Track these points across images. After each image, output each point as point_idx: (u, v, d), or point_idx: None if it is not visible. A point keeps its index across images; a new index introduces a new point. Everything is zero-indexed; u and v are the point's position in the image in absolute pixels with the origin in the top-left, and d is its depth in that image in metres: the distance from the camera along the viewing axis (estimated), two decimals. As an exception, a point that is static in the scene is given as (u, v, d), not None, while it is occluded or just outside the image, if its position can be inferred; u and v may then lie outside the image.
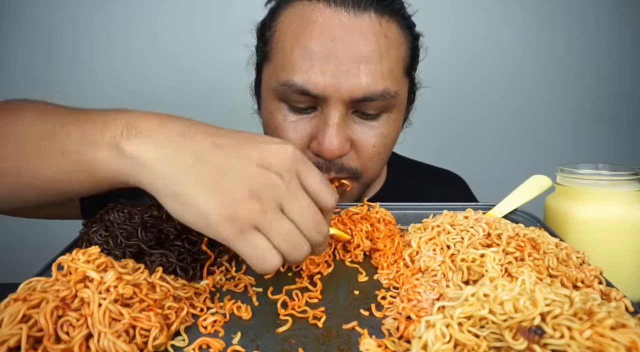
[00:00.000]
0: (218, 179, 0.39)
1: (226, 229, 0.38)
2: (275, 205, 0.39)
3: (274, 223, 0.39)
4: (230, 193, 0.38)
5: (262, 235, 0.39)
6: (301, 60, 0.60)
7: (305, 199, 0.41)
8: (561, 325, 0.31)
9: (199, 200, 0.38)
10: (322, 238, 0.42)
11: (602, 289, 0.44)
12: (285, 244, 0.39)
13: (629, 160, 1.48)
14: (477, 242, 0.48)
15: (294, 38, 0.62)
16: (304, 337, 0.39)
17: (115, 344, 0.34)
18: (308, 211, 0.41)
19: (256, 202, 0.38)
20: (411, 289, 0.45)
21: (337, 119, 0.61)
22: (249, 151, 0.41)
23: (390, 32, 0.62)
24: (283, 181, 0.40)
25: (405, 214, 0.64)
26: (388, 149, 0.69)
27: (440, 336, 0.33)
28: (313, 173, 0.42)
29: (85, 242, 0.48)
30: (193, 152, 0.40)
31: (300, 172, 0.41)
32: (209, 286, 0.47)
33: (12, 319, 0.34)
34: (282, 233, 0.39)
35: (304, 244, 0.40)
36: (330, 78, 0.59)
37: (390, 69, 0.62)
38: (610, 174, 0.58)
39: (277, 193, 0.39)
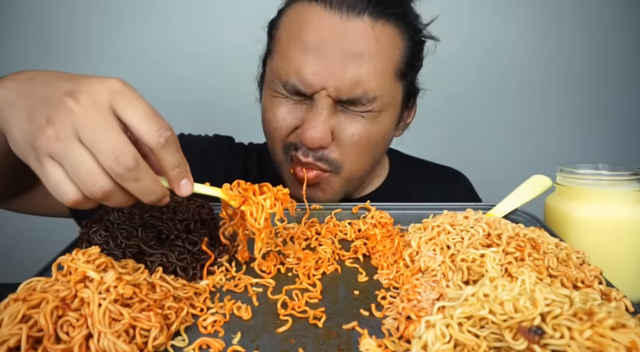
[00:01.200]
0: (30, 110, 0.40)
1: (29, 156, 0.39)
2: (70, 132, 0.38)
3: (66, 151, 0.38)
4: (33, 121, 0.39)
5: (57, 164, 0.38)
6: (295, 59, 0.64)
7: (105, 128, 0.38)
8: (561, 325, 0.31)
9: (15, 131, 0.40)
10: (123, 170, 0.38)
11: (602, 289, 0.44)
12: (77, 175, 0.38)
13: (629, 160, 1.48)
14: (477, 242, 0.48)
15: (290, 37, 0.66)
16: (304, 337, 0.39)
17: (115, 344, 0.34)
18: (105, 139, 0.38)
19: (51, 128, 0.38)
20: (411, 289, 0.45)
21: (324, 112, 0.63)
22: (67, 84, 0.40)
23: (383, 36, 0.64)
24: (79, 105, 0.38)
25: (405, 214, 0.64)
26: (371, 143, 0.68)
27: (440, 336, 0.33)
28: (134, 105, 0.40)
29: (85, 242, 0.48)
30: (25, 90, 0.42)
31: (117, 103, 0.39)
32: (209, 286, 0.47)
33: (12, 319, 0.34)
34: (73, 162, 0.38)
35: (99, 177, 0.38)
36: (320, 77, 0.62)
37: (377, 74, 0.64)
38: (610, 174, 0.58)
39: (72, 119, 0.38)
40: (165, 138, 0.40)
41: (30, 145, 0.38)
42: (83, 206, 0.40)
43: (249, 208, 0.48)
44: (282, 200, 0.50)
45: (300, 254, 0.53)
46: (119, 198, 0.40)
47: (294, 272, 0.50)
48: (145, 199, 0.41)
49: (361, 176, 0.73)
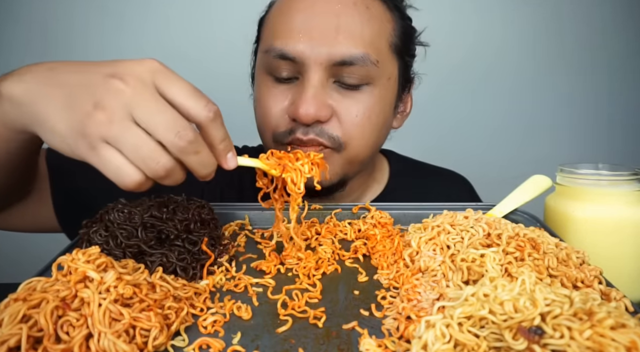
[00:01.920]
0: (69, 99, 0.38)
1: (79, 146, 0.37)
2: (123, 114, 0.37)
3: (122, 134, 0.37)
4: (79, 109, 0.38)
5: (113, 148, 0.37)
6: (282, 27, 0.62)
7: (158, 103, 0.38)
8: (561, 325, 0.31)
9: (55, 122, 0.38)
10: (185, 143, 0.38)
11: (602, 289, 0.44)
12: (137, 155, 0.37)
13: (629, 160, 1.48)
14: (477, 242, 0.48)
15: (278, 12, 0.65)
16: (304, 337, 0.39)
17: (115, 344, 0.34)
18: (161, 115, 0.38)
19: (101, 112, 0.37)
20: (411, 289, 0.45)
21: (315, 83, 0.61)
22: (102, 67, 0.40)
23: (373, 7, 0.64)
24: (127, 85, 0.38)
25: (405, 214, 0.64)
26: (373, 123, 0.66)
27: (440, 336, 0.33)
28: (177, 83, 0.40)
29: (85, 242, 0.48)
30: (53, 80, 0.40)
31: (160, 82, 0.39)
32: (209, 286, 0.47)
33: (12, 319, 0.34)
34: (132, 143, 0.37)
35: (161, 155, 0.38)
36: (308, 42, 0.60)
37: (371, 37, 0.62)
38: (610, 174, 0.58)
39: (122, 100, 0.37)
40: (213, 112, 0.40)
41: (79, 134, 0.37)
42: (142, 188, 0.40)
43: (289, 175, 0.49)
44: (319, 164, 0.51)
45: (300, 254, 0.53)
46: (178, 174, 0.41)
47: (294, 272, 0.50)
48: (202, 172, 0.41)
49: (362, 160, 0.69)
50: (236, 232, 0.61)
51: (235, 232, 0.61)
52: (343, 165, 0.68)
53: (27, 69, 0.43)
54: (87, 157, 0.38)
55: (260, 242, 0.58)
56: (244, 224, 0.63)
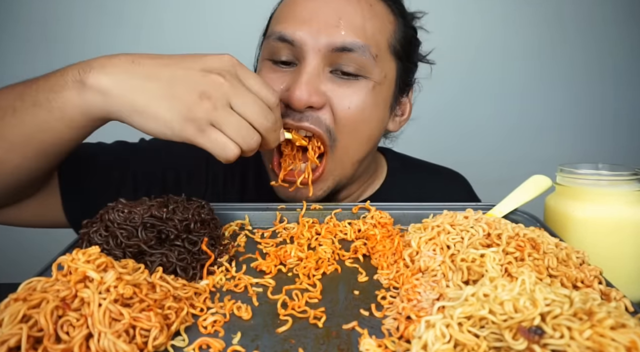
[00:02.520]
0: (170, 90, 0.47)
1: (188, 130, 0.46)
2: (224, 102, 0.47)
3: (225, 118, 0.47)
4: (184, 98, 0.46)
5: (218, 129, 0.47)
6: (285, 14, 0.65)
7: (249, 94, 0.48)
8: (561, 325, 0.31)
9: (158, 110, 0.46)
10: (271, 124, 0.51)
11: (602, 289, 0.44)
12: (238, 134, 0.47)
13: (629, 160, 1.48)
14: (477, 242, 0.48)
15: (284, 3, 0.68)
16: (304, 337, 0.39)
17: (115, 344, 0.34)
18: (253, 103, 0.48)
19: (207, 101, 0.46)
20: (411, 289, 0.45)
21: (311, 69, 0.61)
22: (191, 63, 0.48)
23: (376, 6, 0.66)
24: (225, 79, 0.47)
25: (405, 214, 0.64)
26: (365, 119, 0.65)
27: (440, 336, 0.33)
28: (252, 75, 0.51)
29: (86, 242, 0.48)
30: (142, 73, 0.48)
31: (240, 74, 0.50)
32: (209, 286, 0.47)
33: (12, 319, 0.34)
34: (234, 125, 0.47)
35: (254, 133, 0.49)
36: (309, 28, 0.61)
37: (372, 32, 0.64)
38: (610, 174, 0.58)
39: (223, 91, 0.47)
40: (277, 98, 0.52)
41: (187, 119, 0.46)
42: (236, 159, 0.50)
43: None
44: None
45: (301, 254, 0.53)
46: (258, 147, 0.51)
47: (294, 272, 0.50)
48: (273, 145, 0.54)
49: (354, 163, 0.69)
50: (236, 232, 0.61)
51: (235, 232, 0.61)
52: (333, 171, 0.67)
53: (107, 61, 0.49)
54: (194, 138, 0.47)
55: (260, 242, 0.58)
56: (244, 224, 0.63)
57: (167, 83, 0.47)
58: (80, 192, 0.70)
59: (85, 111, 0.49)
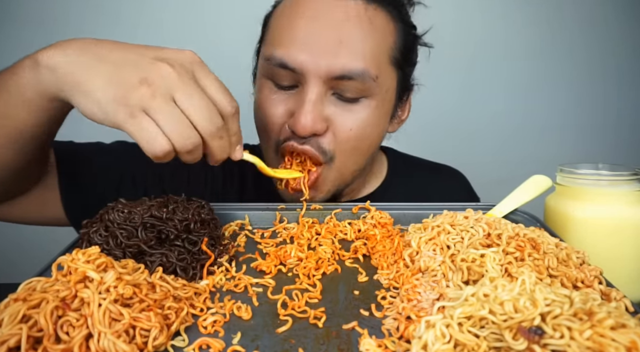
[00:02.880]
0: (115, 71, 0.44)
1: (118, 113, 0.43)
2: (165, 92, 0.43)
3: (162, 108, 0.43)
4: (124, 81, 0.43)
5: (151, 119, 0.43)
6: (284, 36, 0.62)
7: (198, 92, 0.44)
8: (561, 325, 0.31)
9: (96, 90, 0.43)
10: (215, 129, 0.46)
11: (602, 289, 0.44)
12: (173, 129, 0.43)
13: (629, 160, 1.48)
14: (477, 242, 0.48)
15: (281, 17, 0.65)
16: (304, 337, 0.39)
17: (115, 344, 0.34)
18: (199, 101, 0.44)
19: (146, 87, 0.42)
20: (411, 289, 0.45)
21: (314, 96, 0.61)
22: (147, 50, 0.46)
23: (376, 19, 0.63)
24: (175, 70, 0.44)
25: (405, 214, 0.64)
26: (367, 139, 0.67)
27: (440, 336, 0.33)
28: (211, 77, 0.47)
29: (85, 242, 0.48)
30: (95, 54, 0.46)
31: (197, 72, 0.46)
32: (209, 286, 0.47)
33: (12, 319, 0.34)
34: (170, 118, 0.43)
35: (193, 133, 0.44)
36: (309, 54, 0.60)
37: (372, 52, 0.62)
38: (610, 174, 0.58)
39: (168, 81, 0.43)
40: (235, 108, 0.48)
41: (121, 103, 0.42)
42: (166, 158, 0.45)
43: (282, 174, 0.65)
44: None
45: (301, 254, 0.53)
46: (198, 153, 0.47)
47: (294, 272, 0.50)
48: (218, 156, 0.48)
49: (353, 172, 0.70)
50: (236, 232, 0.61)
51: (235, 232, 0.61)
52: (334, 180, 0.68)
53: (70, 43, 0.47)
54: (123, 124, 0.43)
55: (260, 242, 0.58)
56: (244, 224, 0.63)
57: (115, 66, 0.45)
58: (79, 190, 0.71)
59: (38, 90, 0.48)
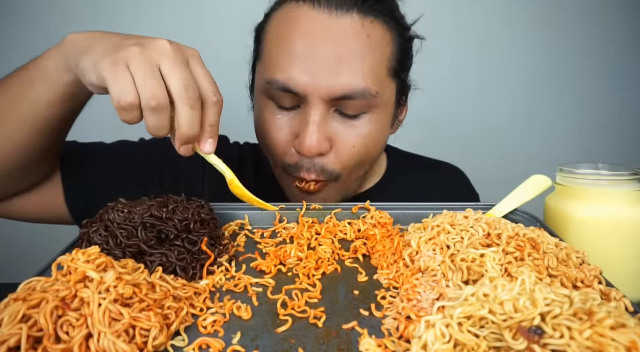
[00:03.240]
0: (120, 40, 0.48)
1: (103, 63, 0.45)
2: (153, 58, 0.45)
3: (142, 64, 0.44)
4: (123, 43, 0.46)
5: (129, 72, 0.44)
6: (284, 59, 0.62)
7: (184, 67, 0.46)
8: (561, 325, 0.31)
9: (98, 50, 0.47)
10: (188, 95, 0.46)
11: (602, 289, 0.44)
12: (143, 84, 0.44)
13: (629, 160, 1.48)
14: (477, 242, 0.48)
15: (278, 38, 0.64)
16: (304, 337, 0.39)
17: (115, 344, 0.34)
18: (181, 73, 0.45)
19: (138, 47, 0.45)
20: (411, 289, 0.45)
21: (317, 117, 0.62)
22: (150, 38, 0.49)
23: (374, 33, 0.63)
24: (171, 47, 0.46)
25: (405, 214, 0.63)
26: (370, 151, 0.68)
27: (440, 336, 0.33)
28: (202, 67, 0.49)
29: (85, 242, 0.48)
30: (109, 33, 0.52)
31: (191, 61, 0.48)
32: (209, 286, 0.47)
33: (12, 319, 0.34)
34: (145, 73, 0.44)
35: (162, 92, 0.44)
36: (311, 77, 0.60)
37: (371, 68, 0.63)
38: (610, 174, 0.58)
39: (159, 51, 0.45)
40: (217, 99, 0.49)
41: (110, 55, 0.45)
42: (131, 114, 0.46)
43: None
44: None
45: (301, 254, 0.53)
46: (164, 118, 0.46)
47: (294, 272, 0.50)
48: (183, 130, 0.47)
49: (358, 179, 0.73)
50: (236, 232, 0.61)
51: (235, 232, 0.61)
52: (341, 191, 0.71)
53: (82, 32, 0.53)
54: (103, 71, 0.45)
55: (260, 242, 0.58)
56: (244, 224, 0.63)
57: (122, 37, 0.49)
58: (81, 189, 0.72)
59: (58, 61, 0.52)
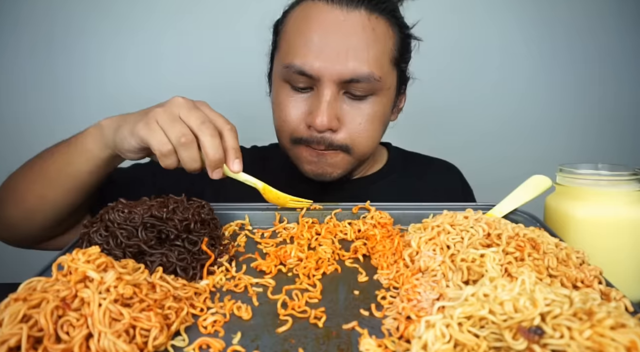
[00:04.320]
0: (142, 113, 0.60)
1: (138, 127, 0.57)
2: (174, 112, 0.57)
3: (166, 118, 0.56)
4: (146, 111, 0.59)
5: (160, 127, 0.56)
6: (301, 47, 0.72)
7: (196, 108, 0.58)
8: (561, 325, 0.31)
9: (129, 122, 0.59)
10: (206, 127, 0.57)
11: (601, 289, 0.44)
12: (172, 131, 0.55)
13: (629, 160, 1.47)
14: (477, 242, 0.48)
15: (296, 30, 0.75)
16: (304, 337, 0.39)
17: (115, 344, 0.34)
18: (196, 113, 0.57)
19: (160, 108, 0.57)
20: (411, 289, 0.45)
21: (329, 97, 0.71)
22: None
23: (378, 27, 0.73)
24: (185, 101, 0.58)
25: (405, 214, 0.64)
26: (375, 126, 0.77)
27: (440, 336, 0.33)
28: (209, 109, 0.60)
29: (86, 242, 0.48)
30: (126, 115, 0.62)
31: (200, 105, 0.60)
32: (209, 286, 0.47)
33: (12, 319, 0.34)
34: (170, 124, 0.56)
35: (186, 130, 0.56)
36: (324, 62, 0.70)
37: (376, 57, 0.72)
38: (610, 174, 0.58)
39: (176, 105, 0.57)
40: (230, 126, 0.59)
41: (141, 119, 0.57)
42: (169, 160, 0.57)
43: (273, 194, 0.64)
44: None
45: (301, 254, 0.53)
46: (193, 152, 0.57)
47: (294, 272, 0.50)
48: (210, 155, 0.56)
49: (367, 154, 0.80)
50: (236, 232, 0.61)
51: (235, 232, 0.61)
52: (351, 162, 0.79)
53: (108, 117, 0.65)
54: (139, 130, 0.57)
55: (260, 242, 0.58)
56: (244, 224, 0.63)
57: (143, 110, 0.61)
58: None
59: (96, 140, 0.64)
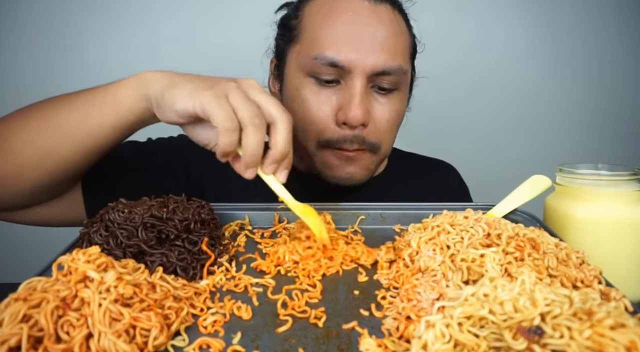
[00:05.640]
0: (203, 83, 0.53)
1: (205, 93, 0.51)
2: (244, 90, 0.53)
3: (239, 95, 0.52)
4: (216, 80, 0.54)
5: (229, 102, 0.51)
6: (330, 37, 0.69)
7: (264, 93, 0.54)
8: (561, 325, 0.31)
9: (187, 85, 0.53)
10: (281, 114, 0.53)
11: (601, 289, 0.44)
12: (242, 108, 0.51)
13: (629, 160, 1.48)
14: (477, 242, 0.48)
15: (323, 20, 0.71)
16: (304, 337, 0.39)
17: (115, 344, 0.34)
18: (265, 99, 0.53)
19: (234, 82, 0.53)
20: (411, 289, 0.45)
21: (361, 90, 0.69)
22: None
23: (401, 23, 0.75)
24: (257, 84, 0.55)
25: (405, 214, 0.64)
26: (398, 125, 0.77)
27: (440, 336, 0.33)
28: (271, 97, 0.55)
29: (86, 242, 0.48)
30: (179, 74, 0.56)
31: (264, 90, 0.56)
32: (209, 286, 0.47)
33: (12, 319, 0.34)
34: (243, 101, 0.51)
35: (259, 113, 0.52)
36: (357, 52, 0.68)
37: (403, 50, 0.73)
38: (610, 174, 0.58)
39: (247, 84, 0.54)
40: (287, 114, 0.54)
41: (210, 88, 0.52)
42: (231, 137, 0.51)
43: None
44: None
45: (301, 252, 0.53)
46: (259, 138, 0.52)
47: (294, 272, 0.51)
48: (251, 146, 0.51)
49: (387, 153, 0.79)
50: (236, 232, 0.61)
51: (235, 232, 0.61)
52: (376, 162, 0.77)
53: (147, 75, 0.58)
54: (205, 97, 0.51)
55: (260, 242, 0.58)
56: (244, 224, 0.63)
57: (203, 77, 0.56)
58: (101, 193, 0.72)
59: (134, 91, 0.57)
